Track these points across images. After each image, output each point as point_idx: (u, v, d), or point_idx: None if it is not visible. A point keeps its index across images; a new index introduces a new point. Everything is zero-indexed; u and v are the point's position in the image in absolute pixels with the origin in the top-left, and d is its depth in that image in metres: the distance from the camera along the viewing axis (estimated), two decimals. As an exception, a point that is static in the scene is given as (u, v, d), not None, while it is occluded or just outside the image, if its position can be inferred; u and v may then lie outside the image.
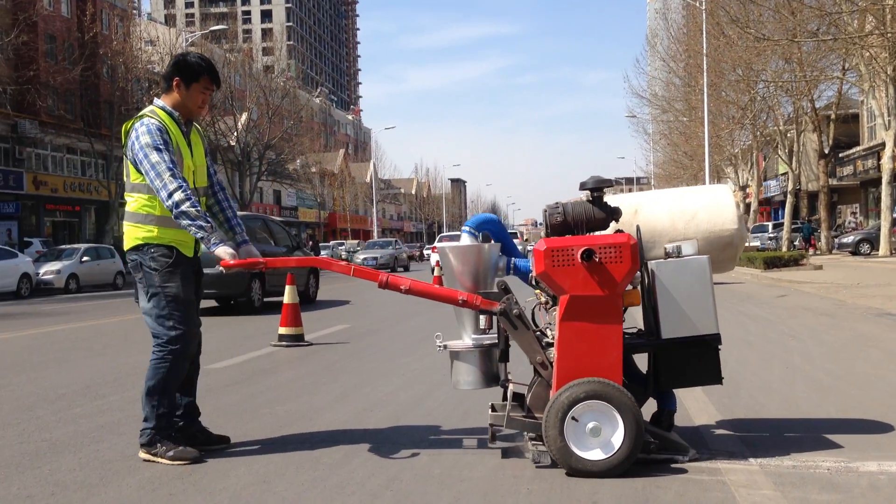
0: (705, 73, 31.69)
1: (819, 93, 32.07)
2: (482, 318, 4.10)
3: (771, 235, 38.10)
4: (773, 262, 22.53)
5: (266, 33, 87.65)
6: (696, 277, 3.88)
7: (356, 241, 59.66)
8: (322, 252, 52.01)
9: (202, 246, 4.17)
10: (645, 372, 4.11)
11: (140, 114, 4.22)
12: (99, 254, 27.53)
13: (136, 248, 4.18)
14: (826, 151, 33.43)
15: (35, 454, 4.30)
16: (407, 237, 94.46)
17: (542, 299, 4.08)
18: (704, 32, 30.93)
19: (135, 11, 53.07)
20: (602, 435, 3.65)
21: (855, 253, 30.71)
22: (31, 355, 8.65)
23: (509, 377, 4.09)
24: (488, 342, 4.08)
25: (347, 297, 17.07)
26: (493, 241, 4.28)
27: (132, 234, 4.18)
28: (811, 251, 32.20)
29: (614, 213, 4.00)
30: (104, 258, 27.46)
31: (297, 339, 8.81)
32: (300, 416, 5.13)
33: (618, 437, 3.64)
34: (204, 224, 4.00)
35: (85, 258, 26.18)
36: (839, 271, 20.50)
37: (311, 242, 33.99)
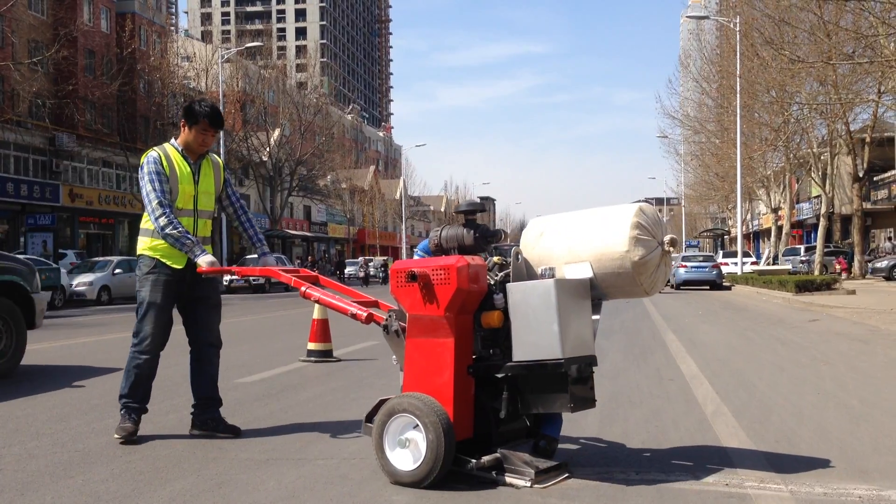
0: (738, 95, 31.52)
1: (854, 115, 31.73)
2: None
3: (803, 259, 37.64)
4: (805, 286, 22.26)
5: (300, 50, 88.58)
6: (542, 300, 3.77)
7: (384, 258, 59.82)
8: (348, 268, 52.30)
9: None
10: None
11: (151, 148, 5.10)
12: (131, 266, 27.79)
13: (138, 257, 5.05)
14: (860, 175, 33.02)
15: (68, 464, 4.36)
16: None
17: None
18: (738, 54, 30.80)
19: (172, 28, 53.95)
20: (412, 447, 3.85)
21: (889, 278, 30.25)
22: (63, 366, 8.78)
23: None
24: None
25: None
26: None
27: (138, 246, 5.07)
28: (843, 275, 31.77)
29: (489, 236, 4.16)
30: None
31: (325, 355, 8.85)
32: (328, 432, 5.16)
33: (423, 450, 3.79)
34: (185, 241, 4.84)
35: (117, 270, 26.53)
36: (873, 296, 20.20)
37: (325, 257, 34.44)
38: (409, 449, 3.85)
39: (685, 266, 31.54)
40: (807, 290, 21.90)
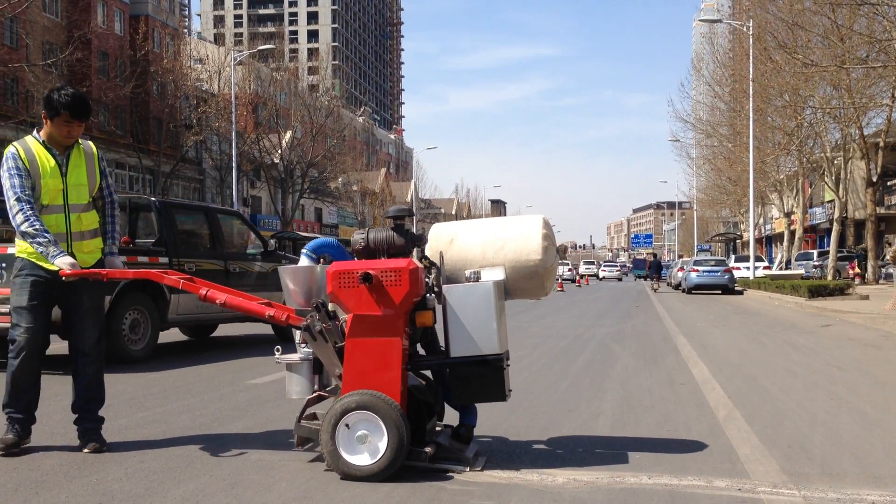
0: (751, 99, 31.42)
1: (868, 120, 31.51)
2: (298, 333, 4.40)
3: (816, 263, 37.47)
4: (818, 291, 22.15)
5: (312, 53, 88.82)
6: (482, 301, 4.15)
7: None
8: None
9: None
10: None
11: (12, 143, 4.73)
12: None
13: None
14: (874, 179, 32.82)
15: (82, 463, 4.39)
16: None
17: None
18: (751, 57, 30.70)
19: (185, 30, 54.21)
20: (369, 442, 3.96)
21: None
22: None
23: (327, 388, 4.41)
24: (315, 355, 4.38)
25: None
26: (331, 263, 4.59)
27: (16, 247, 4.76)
28: (857, 280, 31.59)
29: (416, 240, 4.36)
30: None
31: None
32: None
33: (382, 445, 3.94)
34: (41, 240, 4.52)
35: (130, 271, 26.60)
36: (886, 302, 20.07)
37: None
38: (365, 445, 3.97)
39: (697, 270, 31.44)
40: (820, 295, 21.80)
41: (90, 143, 4.93)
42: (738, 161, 42.08)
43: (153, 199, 10.22)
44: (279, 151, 49.15)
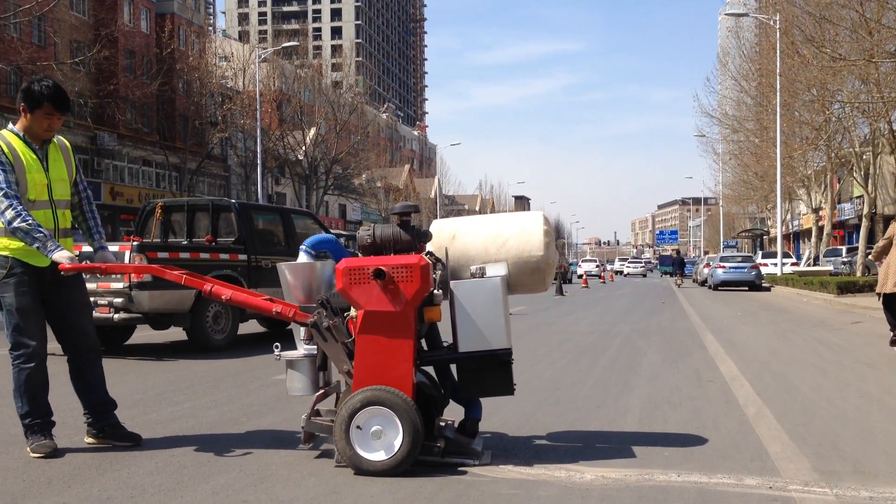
0: (778, 93, 31.09)
1: (897, 114, 31.12)
2: (302, 329, 4.41)
3: (845, 260, 37.02)
4: (847, 288, 21.90)
5: (336, 50, 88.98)
6: (490, 296, 4.22)
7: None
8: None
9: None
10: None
11: None
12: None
13: None
14: (904, 174, 32.40)
15: (113, 457, 4.44)
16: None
17: (354, 313, 4.28)
18: (778, 51, 30.38)
19: (210, 28, 54.54)
20: (383, 437, 4.00)
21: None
22: (106, 362, 8.90)
23: (330, 384, 4.50)
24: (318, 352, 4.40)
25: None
26: (330, 260, 4.62)
27: None
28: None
29: (422, 237, 4.38)
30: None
31: None
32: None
33: (398, 440, 3.98)
34: (37, 235, 4.37)
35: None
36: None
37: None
38: (380, 440, 4.00)
39: (723, 267, 31.18)
40: (849, 292, 21.55)
41: (61, 137, 4.83)
42: (765, 156, 41.63)
43: (233, 201, 11.00)
44: (303, 148, 49.35)
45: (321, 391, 4.41)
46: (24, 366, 4.49)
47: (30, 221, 4.37)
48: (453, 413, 4.76)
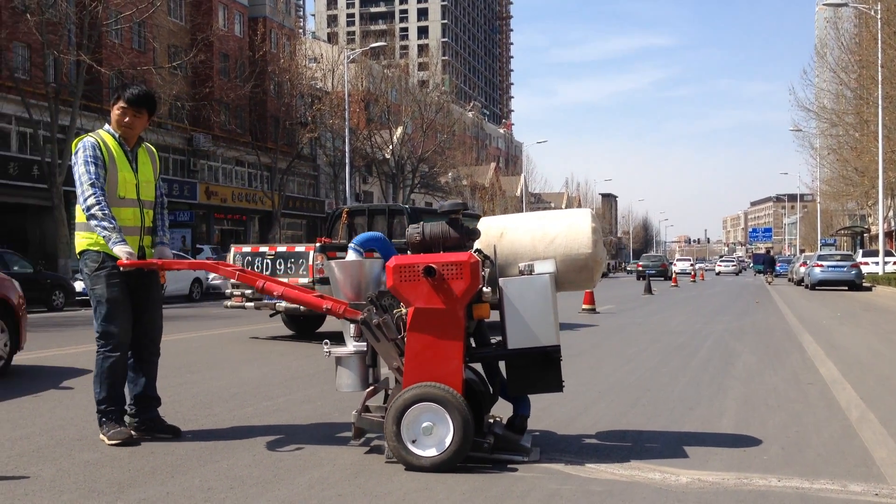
0: (880, 86, 29.81)
1: None
2: (352, 326, 4.42)
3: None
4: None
5: (422, 49, 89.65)
6: (539, 293, 4.21)
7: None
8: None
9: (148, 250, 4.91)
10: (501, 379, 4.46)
11: (86, 134, 4.84)
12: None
13: (80, 255, 4.80)
14: None
15: (213, 449, 4.58)
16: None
17: (405, 310, 4.24)
18: (879, 42, 29.14)
19: (300, 31, 55.62)
20: (434, 433, 4.01)
21: None
22: (203, 356, 9.21)
23: (379, 380, 4.52)
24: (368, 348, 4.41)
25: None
26: (378, 257, 4.63)
27: (78, 242, 4.80)
28: None
29: (471, 234, 4.37)
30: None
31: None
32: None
33: (449, 436, 3.99)
34: (107, 224, 4.59)
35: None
36: None
37: None
38: (431, 436, 4.03)
39: (821, 265, 30.08)
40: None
41: (150, 144, 5.11)
42: (866, 151, 39.98)
43: (406, 206, 11.84)
44: (390, 147, 49.84)
45: (371, 387, 4.46)
46: (109, 354, 4.71)
47: (105, 212, 4.61)
48: (501, 410, 4.73)
